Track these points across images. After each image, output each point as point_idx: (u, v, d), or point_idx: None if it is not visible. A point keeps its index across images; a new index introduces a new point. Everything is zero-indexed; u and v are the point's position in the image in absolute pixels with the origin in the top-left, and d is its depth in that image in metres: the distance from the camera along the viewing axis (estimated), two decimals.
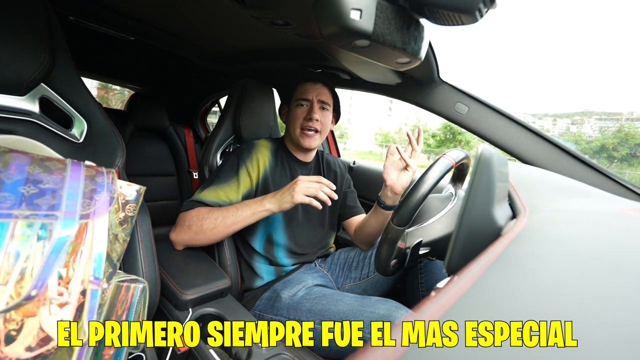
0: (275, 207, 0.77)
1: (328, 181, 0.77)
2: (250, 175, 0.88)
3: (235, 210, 0.79)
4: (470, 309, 0.14)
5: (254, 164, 0.89)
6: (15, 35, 0.50)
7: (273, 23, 0.63)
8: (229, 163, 0.89)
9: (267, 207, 0.77)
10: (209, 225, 0.78)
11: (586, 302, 0.15)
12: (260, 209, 0.78)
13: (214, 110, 2.08)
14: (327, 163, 1.07)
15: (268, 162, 0.92)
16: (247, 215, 0.78)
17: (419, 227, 0.68)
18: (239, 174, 0.87)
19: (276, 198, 0.77)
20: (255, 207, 0.78)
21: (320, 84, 0.93)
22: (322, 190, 0.75)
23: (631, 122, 48.53)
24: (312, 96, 0.91)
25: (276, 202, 0.77)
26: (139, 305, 0.55)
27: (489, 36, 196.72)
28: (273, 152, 0.95)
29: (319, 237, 1.00)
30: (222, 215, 0.78)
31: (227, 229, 0.79)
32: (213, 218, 0.78)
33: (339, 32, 0.40)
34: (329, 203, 0.76)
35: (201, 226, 0.78)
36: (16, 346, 0.40)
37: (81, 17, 1.01)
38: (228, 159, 0.91)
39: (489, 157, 0.32)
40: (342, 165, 1.11)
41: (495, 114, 0.85)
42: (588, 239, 0.24)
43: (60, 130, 0.58)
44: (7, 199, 0.43)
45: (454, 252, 0.32)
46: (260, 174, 0.90)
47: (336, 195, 0.76)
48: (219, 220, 0.78)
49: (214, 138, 1.04)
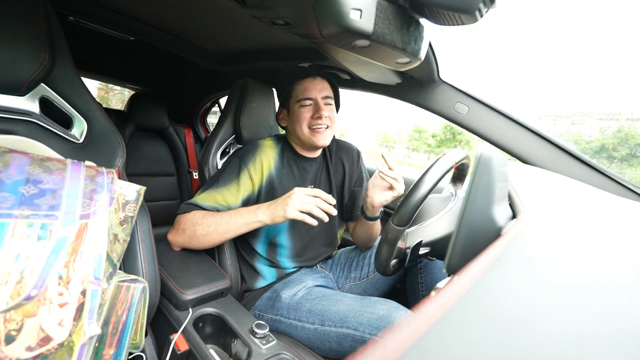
0: (267, 219, 0.74)
1: (327, 195, 0.72)
2: (252, 179, 0.85)
3: (229, 218, 0.76)
4: (470, 309, 0.14)
5: (257, 167, 0.86)
6: (15, 35, 0.50)
7: (273, 23, 0.63)
8: (230, 166, 0.86)
9: (260, 218, 0.75)
10: (201, 231, 0.77)
11: (586, 301, 0.15)
12: (253, 219, 0.75)
13: (214, 110, 2.07)
14: (335, 155, 1.00)
15: (273, 164, 0.88)
16: (240, 224, 0.76)
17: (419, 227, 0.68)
18: (240, 178, 0.84)
19: (269, 210, 0.74)
20: (249, 217, 0.76)
21: (319, 78, 0.89)
22: (318, 205, 0.71)
23: (631, 122, 48.50)
24: (315, 94, 0.86)
25: (269, 214, 0.74)
26: (139, 305, 0.55)
27: (489, 36, 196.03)
28: (279, 152, 0.91)
29: (326, 235, 0.96)
30: (215, 222, 0.76)
31: (219, 237, 0.77)
32: (206, 225, 0.77)
33: (338, 32, 0.40)
34: (325, 220, 0.71)
35: (194, 232, 0.77)
36: (16, 346, 0.40)
37: (81, 17, 1.01)
38: (230, 161, 0.88)
39: (489, 157, 0.31)
40: (354, 154, 1.02)
41: (495, 114, 0.85)
42: (588, 238, 0.24)
43: (60, 131, 0.58)
44: (7, 199, 0.43)
45: (454, 252, 0.32)
46: (265, 177, 0.87)
47: (335, 211, 0.72)
48: (212, 228, 0.76)
49: (214, 138, 1.04)
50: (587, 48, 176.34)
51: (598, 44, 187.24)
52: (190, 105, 1.94)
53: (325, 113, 0.85)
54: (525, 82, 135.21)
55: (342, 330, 0.71)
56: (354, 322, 0.70)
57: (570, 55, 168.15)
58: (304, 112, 0.86)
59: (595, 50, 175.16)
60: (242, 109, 1.05)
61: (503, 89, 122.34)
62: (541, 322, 0.13)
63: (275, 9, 0.57)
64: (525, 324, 0.13)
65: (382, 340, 0.12)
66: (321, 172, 0.97)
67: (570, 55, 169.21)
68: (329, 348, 0.73)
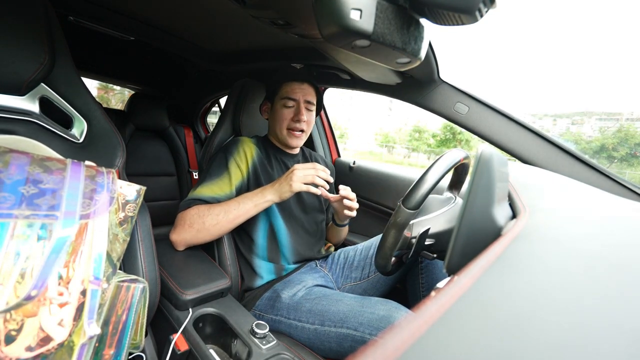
0: (276, 197, 0.79)
1: (322, 166, 0.80)
2: (240, 167, 0.90)
3: (237, 204, 0.80)
4: (470, 309, 0.14)
5: (242, 156, 0.91)
6: (16, 35, 0.50)
7: (273, 23, 0.63)
8: (217, 159, 0.91)
9: (268, 198, 0.79)
10: (211, 221, 0.79)
11: (586, 302, 0.15)
12: (262, 200, 0.80)
13: (214, 110, 2.08)
14: (311, 155, 1.11)
15: (255, 154, 0.94)
16: (250, 207, 0.80)
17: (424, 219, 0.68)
18: (229, 167, 0.88)
19: (275, 188, 0.79)
20: (257, 199, 0.80)
21: (307, 84, 0.94)
22: (318, 175, 0.78)
23: (631, 122, 48.50)
24: (299, 96, 0.92)
25: (275, 192, 0.79)
26: (139, 305, 0.55)
27: (489, 36, 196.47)
28: (258, 145, 0.97)
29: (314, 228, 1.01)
30: (224, 210, 0.79)
31: (229, 224, 0.80)
32: (215, 214, 0.79)
33: (338, 32, 0.40)
34: (326, 187, 0.79)
35: (203, 223, 0.79)
36: (16, 346, 0.40)
37: (81, 17, 1.01)
38: (215, 156, 0.93)
39: (489, 157, 0.31)
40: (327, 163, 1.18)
41: (496, 114, 0.85)
42: (588, 239, 0.24)
43: (60, 130, 0.58)
44: (7, 199, 0.43)
45: (454, 252, 0.32)
46: (250, 165, 0.92)
47: (332, 179, 0.81)
48: (221, 216, 0.79)
49: (214, 138, 1.04)
50: (587, 48, 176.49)
51: (598, 43, 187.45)
52: (190, 105, 1.95)
53: (304, 117, 0.92)
54: (525, 82, 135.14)
55: (342, 331, 0.71)
56: (354, 322, 0.70)
57: (570, 55, 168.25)
58: (285, 112, 0.93)
59: (596, 50, 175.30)
60: (242, 108, 1.05)
61: (503, 89, 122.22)
62: (541, 322, 0.13)
63: (275, 9, 0.57)
64: (525, 324, 0.13)
65: (382, 341, 0.12)
66: None
67: (570, 55, 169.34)
68: (329, 348, 0.73)
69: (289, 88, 0.93)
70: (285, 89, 0.93)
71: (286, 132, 0.94)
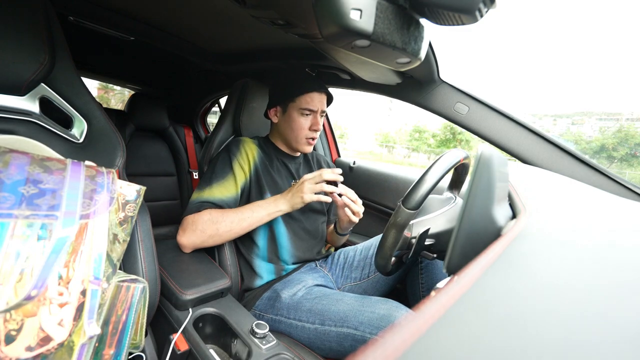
0: (288, 208, 0.81)
1: (330, 170, 0.80)
2: (243, 168, 0.90)
3: (251, 212, 0.81)
4: (470, 309, 0.14)
5: (244, 157, 0.91)
6: (16, 35, 0.50)
7: (273, 23, 0.63)
8: (220, 160, 0.91)
9: (281, 207, 0.81)
10: (225, 228, 0.79)
11: (586, 301, 0.15)
12: (275, 209, 0.82)
13: (214, 110, 2.08)
14: (312, 156, 1.11)
15: (257, 155, 0.93)
16: (263, 215, 0.81)
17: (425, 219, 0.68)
18: (233, 169, 0.88)
19: (287, 199, 0.81)
20: (270, 208, 0.82)
21: (324, 94, 0.94)
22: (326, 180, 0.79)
23: (631, 122, 48.50)
24: (318, 107, 0.92)
25: (288, 202, 0.81)
26: (139, 305, 0.55)
27: (489, 36, 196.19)
28: (260, 146, 0.96)
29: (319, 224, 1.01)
30: (238, 217, 0.80)
31: (242, 231, 0.82)
32: (229, 221, 0.79)
33: (339, 32, 0.40)
34: (337, 190, 0.81)
35: (217, 230, 0.79)
36: (16, 346, 0.40)
37: (81, 17, 1.01)
38: (219, 156, 0.93)
39: (489, 157, 0.31)
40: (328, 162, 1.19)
41: (496, 114, 0.85)
42: (588, 238, 0.24)
43: (61, 130, 0.58)
44: (7, 199, 0.43)
45: (454, 252, 0.32)
46: (252, 166, 0.91)
47: (342, 178, 0.81)
48: (235, 224, 0.80)
49: (214, 138, 1.04)
50: (588, 48, 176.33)
51: (598, 43, 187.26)
52: (190, 105, 1.95)
53: (320, 127, 0.94)
54: (526, 82, 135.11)
55: (342, 330, 0.71)
56: (355, 322, 0.70)
57: (570, 55, 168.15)
58: (304, 121, 0.92)
59: (596, 50, 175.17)
60: (242, 109, 1.05)
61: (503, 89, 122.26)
62: (541, 322, 0.13)
63: (275, 9, 0.57)
64: (525, 324, 0.13)
65: (382, 340, 0.12)
66: (303, 168, 1.04)
67: (570, 55, 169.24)
68: (329, 348, 0.73)
69: (309, 99, 0.90)
70: (305, 99, 0.90)
71: (304, 140, 0.94)
